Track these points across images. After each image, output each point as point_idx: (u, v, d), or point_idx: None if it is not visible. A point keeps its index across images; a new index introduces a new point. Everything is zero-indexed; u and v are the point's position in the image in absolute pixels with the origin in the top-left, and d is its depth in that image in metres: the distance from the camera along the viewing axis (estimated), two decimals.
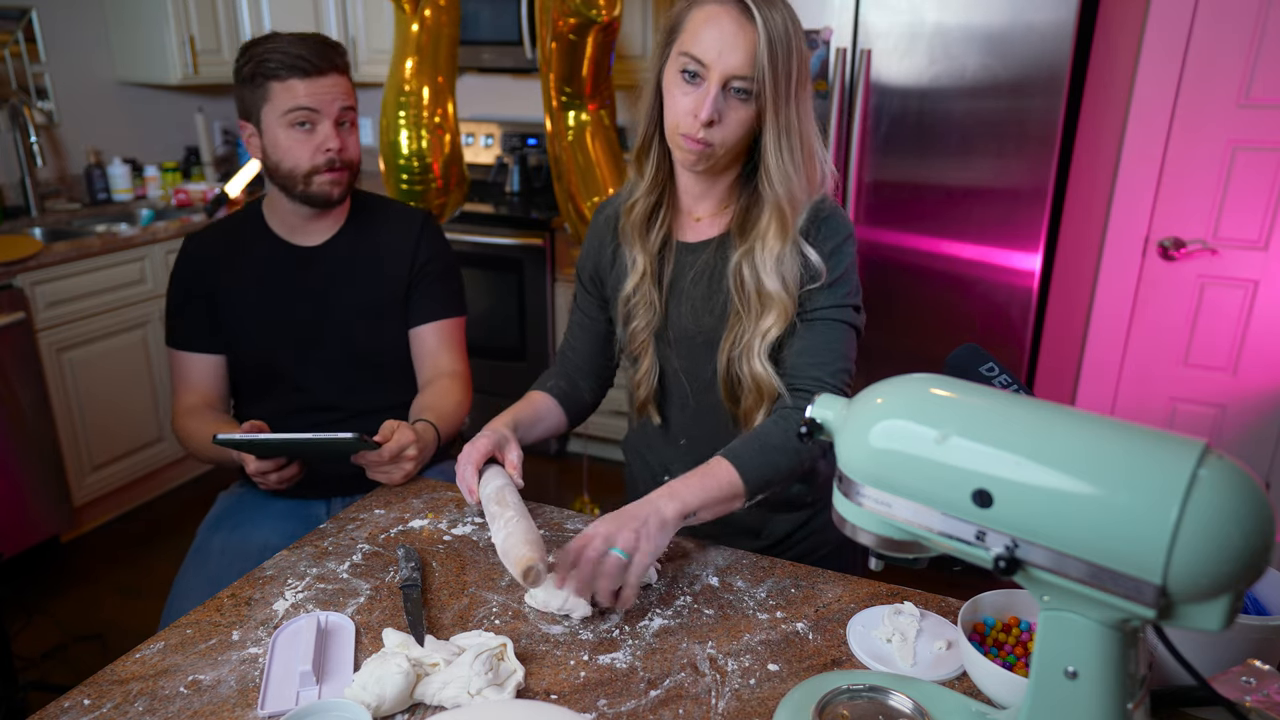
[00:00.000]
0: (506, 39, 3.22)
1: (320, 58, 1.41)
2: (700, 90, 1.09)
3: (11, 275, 2.56)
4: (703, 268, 1.22)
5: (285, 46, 1.41)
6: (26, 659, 2.25)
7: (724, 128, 1.10)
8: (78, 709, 0.88)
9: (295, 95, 1.41)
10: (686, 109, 1.10)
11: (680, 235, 1.25)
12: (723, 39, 1.06)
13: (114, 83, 3.46)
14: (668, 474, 1.32)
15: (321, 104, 1.43)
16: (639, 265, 1.24)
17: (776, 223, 1.15)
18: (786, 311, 1.16)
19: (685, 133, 1.11)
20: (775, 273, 1.15)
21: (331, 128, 1.45)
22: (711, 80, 1.07)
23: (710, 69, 1.07)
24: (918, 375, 0.71)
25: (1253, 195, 2.14)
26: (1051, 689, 0.66)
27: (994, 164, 2.30)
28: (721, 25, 1.06)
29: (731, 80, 1.07)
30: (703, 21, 1.08)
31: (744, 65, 1.07)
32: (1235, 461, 0.57)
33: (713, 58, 1.07)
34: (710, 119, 1.08)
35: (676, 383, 1.29)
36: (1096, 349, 2.41)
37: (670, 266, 1.25)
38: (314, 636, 0.94)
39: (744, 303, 1.18)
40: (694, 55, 1.08)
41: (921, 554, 0.71)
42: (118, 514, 3.04)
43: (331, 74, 1.43)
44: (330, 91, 1.43)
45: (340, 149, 1.46)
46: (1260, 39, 2.03)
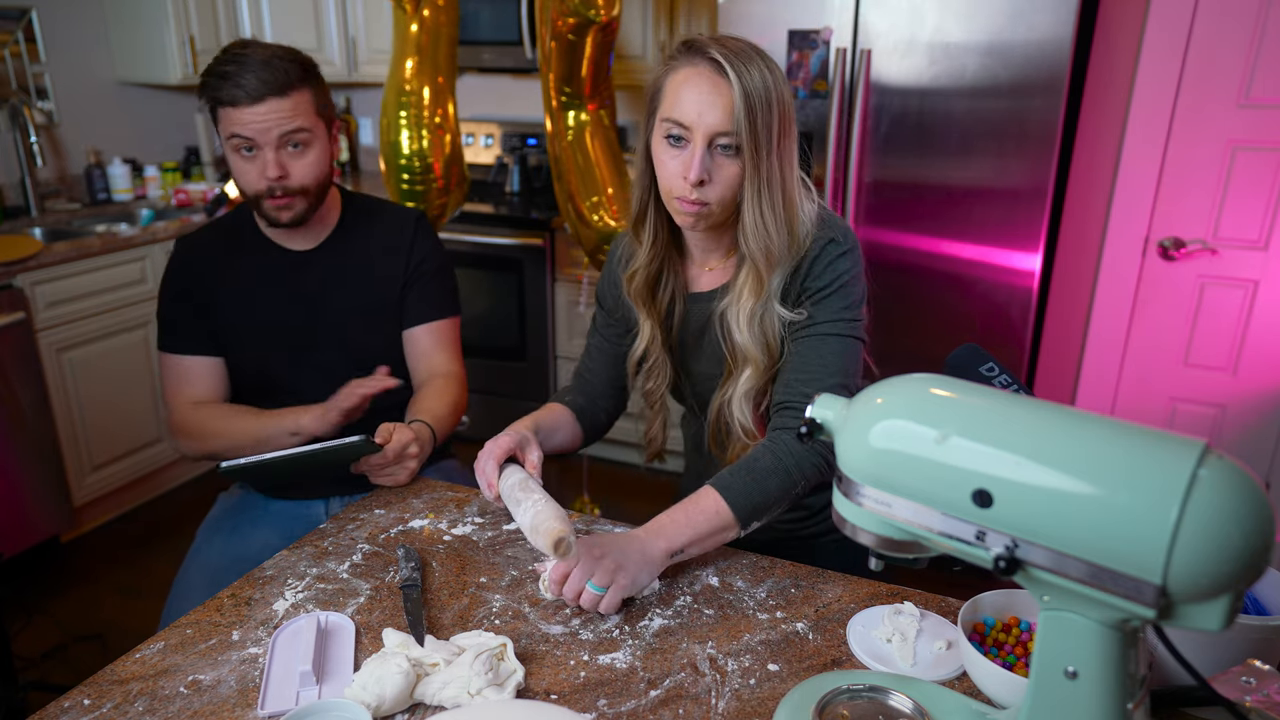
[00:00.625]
0: (506, 39, 3.22)
1: (261, 84, 1.34)
2: (686, 152, 1.10)
3: (11, 275, 2.56)
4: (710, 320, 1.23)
5: (229, 69, 1.35)
6: (26, 659, 2.25)
7: (716, 186, 1.10)
8: (78, 709, 0.88)
9: (233, 122, 1.37)
10: (675, 172, 1.11)
11: (692, 286, 1.27)
12: (701, 99, 1.07)
13: (114, 83, 3.46)
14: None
15: (257, 133, 1.36)
16: (646, 331, 1.26)
17: (752, 279, 1.16)
18: (759, 365, 1.18)
19: (679, 195, 1.11)
20: (749, 327, 1.16)
21: (273, 154, 1.38)
22: (696, 141, 1.08)
23: (693, 130, 1.08)
24: (918, 375, 0.71)
25: (1253, 195, 2.14)
26: (1051, 689, 0.66)
27: (994, 164, 2.30)
28: (699, 86, 1.07)
29: (716, 138, 1.08)
30: (680, 84, 1.09)
31: (724, 122, 1.07)
32: (1235, 461, 0.57)
33: (693, 118, 1.08)
34: (700, 178, 1.08)
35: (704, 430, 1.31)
36: (1096, 349, 2.41)
37: (679, 319, 1.27)
38: (314, 636, 0.95)
39: (729, 353, 1.20)
40: (675, 119, 1.09)
41: (921, 554, 0.71)
42: (118, 514, 3.04)
43: (269, 99, 1.35)
44: (266, 119, 1.36)
45: (281, 176, 1.39)
46: (1260, 38, 2.03)
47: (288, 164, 1.41)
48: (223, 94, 1.35)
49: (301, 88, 1.39)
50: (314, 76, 1.43)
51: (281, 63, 1.37)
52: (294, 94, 1.38)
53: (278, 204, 1.42)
